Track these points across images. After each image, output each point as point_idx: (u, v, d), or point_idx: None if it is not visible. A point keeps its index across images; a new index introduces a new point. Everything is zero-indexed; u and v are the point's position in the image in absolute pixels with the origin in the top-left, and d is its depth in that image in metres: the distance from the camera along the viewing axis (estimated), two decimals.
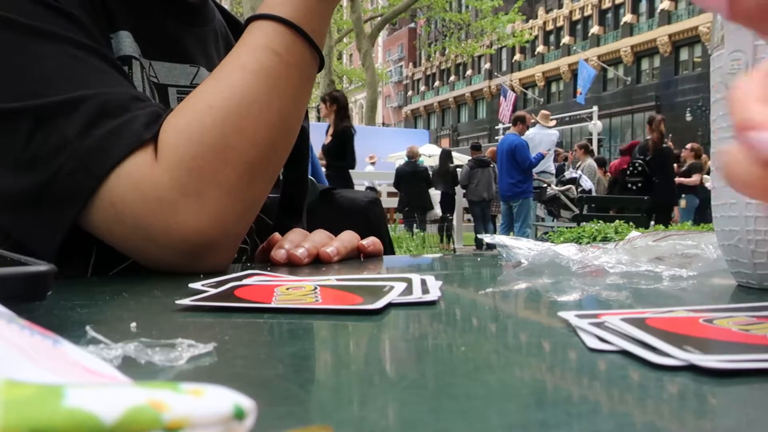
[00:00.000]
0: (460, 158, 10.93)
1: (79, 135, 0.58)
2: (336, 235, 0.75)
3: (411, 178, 8.66)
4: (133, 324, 0.35)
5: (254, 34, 0.63)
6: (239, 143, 0.61)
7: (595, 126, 17.89)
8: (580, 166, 8.33)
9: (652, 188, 5.52)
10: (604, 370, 0.28)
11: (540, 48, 32.51)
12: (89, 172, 0.58)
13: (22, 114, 0.58)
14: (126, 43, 0.69)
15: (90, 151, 0.58)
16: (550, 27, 32.64)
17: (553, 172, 7.90)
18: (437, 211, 9.17)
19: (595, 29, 29.50)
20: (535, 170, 6.93)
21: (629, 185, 5.80)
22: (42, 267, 0.37)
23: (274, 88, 0.62)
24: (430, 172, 9.04)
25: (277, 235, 0.78)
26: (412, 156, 8.96)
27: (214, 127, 0.60)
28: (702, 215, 7.00)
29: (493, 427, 0.21)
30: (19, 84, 0.60)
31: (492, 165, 7.72)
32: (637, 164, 5.73)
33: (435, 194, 9.04)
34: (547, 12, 32.86)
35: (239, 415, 0.15)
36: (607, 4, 29.25)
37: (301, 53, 0.63)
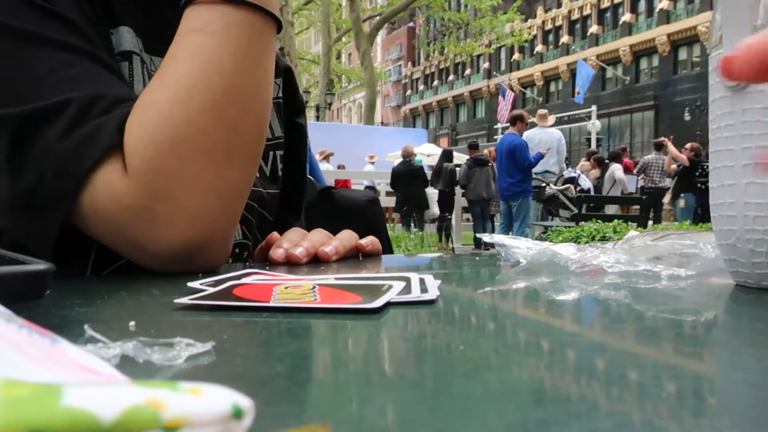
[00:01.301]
0: (460, 157, 10.94)
1: (59, 138, 0.57)
2: (335, 235, 0.75)
3: (407, 178, 8.66)
4: (132, 323, 0.35)
5: (187, 19, 0.62)
6: (189, 134, 0.58)
7: (594, 125, 17.91)
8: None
9: None
10: (602, 369, 0.28)
11: (539, 47, 32.52)
12: (69, 176, 0.57)
13: (8, 120, 0.58)
14: (126, 38, 0.69)
15: (68, 155, 0.57)
16: (549, 26, 32.65)
17: (556, 171, 7.81)
18: (434, 210, 9.16)
19: (593, 29, 29.52)
20: (535, 170, 6.92)
21: (698, 185, 6.90)
22: (41, 266, 0.36)
23: (207, 64, 0.59)
24: (430, 172, 9.04)
25: (275, 234, 0.78)
26: (407, 155, 8.96)
27: (161, 123, 0.58)
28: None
29: (491, 426, 0.21)
30: (8, 89, 0.59)
31: (491, 164, 7.72)
32: (705, 166, 6.66)
33: (433, 193, 9.04)
34: (546, 11, 32.87)
35: (237, 414, 0.15)
36: (605, 4, 29.27)
37: (223, 18, 0.60)
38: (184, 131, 0.58)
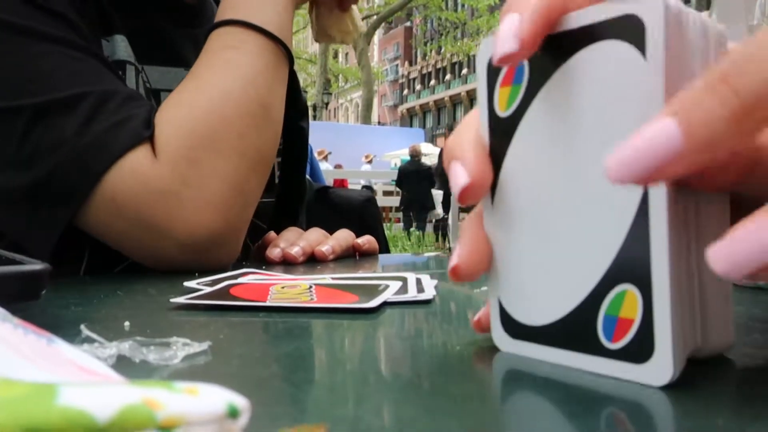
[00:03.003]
0: None
1: (77, 133, 0.58)
2: (331, 234, 0.75)
3: (414, 177, 8.66)
4: (127, 323, 0.35)
5: (211, 39, 0.67)
6: (227, 134, 0.62)
7: None
8: None
9: None
10: None
11: None
12: (87, 170, 0.58)
13: (19, 112, 0.58)
14: (121, 47, 0.69)
15: (88, 149, 0.58)
16: None
17: None
18: (438, 211, 9.14)
19: None
20: None
21: None
22: (37, 266, 0.36)
23: (242, 76, 0.64)
24: None
25: (272, 233, 0.78)
26: (416, 154, 8.95)
27: (202, 119, 0.61)
28: None
29: (488, 425, 0.21)
30: (15, 83, 0.60)
31: None
32: None
33: (438, 194, 9.03)
34: None
35: (233, 413, 0.15)
36: None
37: (255, 43, 0.66)
38: (223, 131, 0.62)
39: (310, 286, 0.46)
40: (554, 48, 0.25)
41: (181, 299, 0.41)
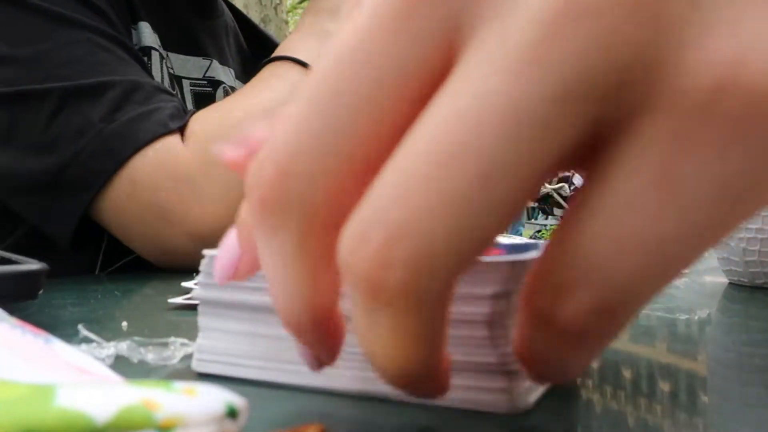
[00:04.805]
0: None
1: (103, 119, 0.60)
2: None
3: None
4: (125, 323, 0.35)
5: (270, 69, 0.71)
6: None
7: None
8: None
9: None
10: (596, 367, 0.28)
11: None
12: (111, 155, 0.60)
13: (47, 96, 0.60)
14: (146, 33, 0.72)
15: (114, 135, 0.60)
16: None
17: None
18: None
19: None
20: None
21: None
22: (33, 265, 0.36)
23: (281, 99, 0.67)
24: None
25: None
26: None
27: (234, 122, 0.63)
28: None
29: (487, 423, 0.21)
30: (46, 67, 0.62)
31: None
32: None
33: None
34: None
35: (232, 413, 0.15)
36: None
37: (298, 74, 0.70)
38: None
39: None
40: None
41: (179, 299, 0.41)
